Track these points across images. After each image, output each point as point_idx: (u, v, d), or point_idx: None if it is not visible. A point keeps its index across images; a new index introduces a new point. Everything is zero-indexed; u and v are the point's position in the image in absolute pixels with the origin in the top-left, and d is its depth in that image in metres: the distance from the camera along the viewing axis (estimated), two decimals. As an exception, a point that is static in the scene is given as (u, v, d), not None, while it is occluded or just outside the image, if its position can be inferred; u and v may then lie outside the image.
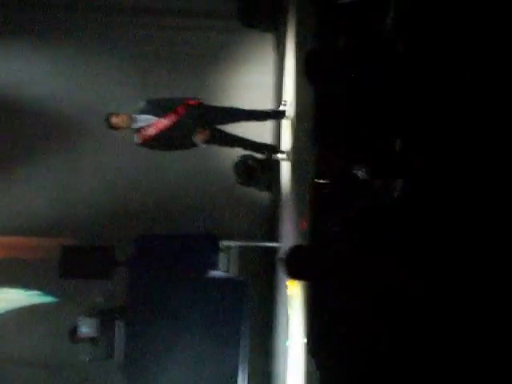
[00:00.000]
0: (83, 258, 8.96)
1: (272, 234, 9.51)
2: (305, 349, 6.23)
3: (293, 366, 7.24)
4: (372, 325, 4.36)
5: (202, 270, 8.36)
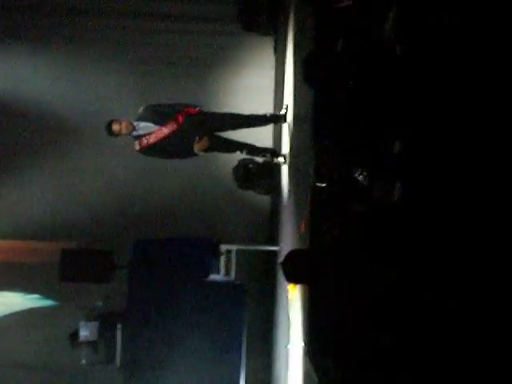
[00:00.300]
0: (83, 262, 8.97)
1: (272, 238, 9.52)
2: (303, 351, 6.23)
3: (293, 370, 7.22)
4: (371, 327, 4.36)
5: (202, 274, 8.36)
